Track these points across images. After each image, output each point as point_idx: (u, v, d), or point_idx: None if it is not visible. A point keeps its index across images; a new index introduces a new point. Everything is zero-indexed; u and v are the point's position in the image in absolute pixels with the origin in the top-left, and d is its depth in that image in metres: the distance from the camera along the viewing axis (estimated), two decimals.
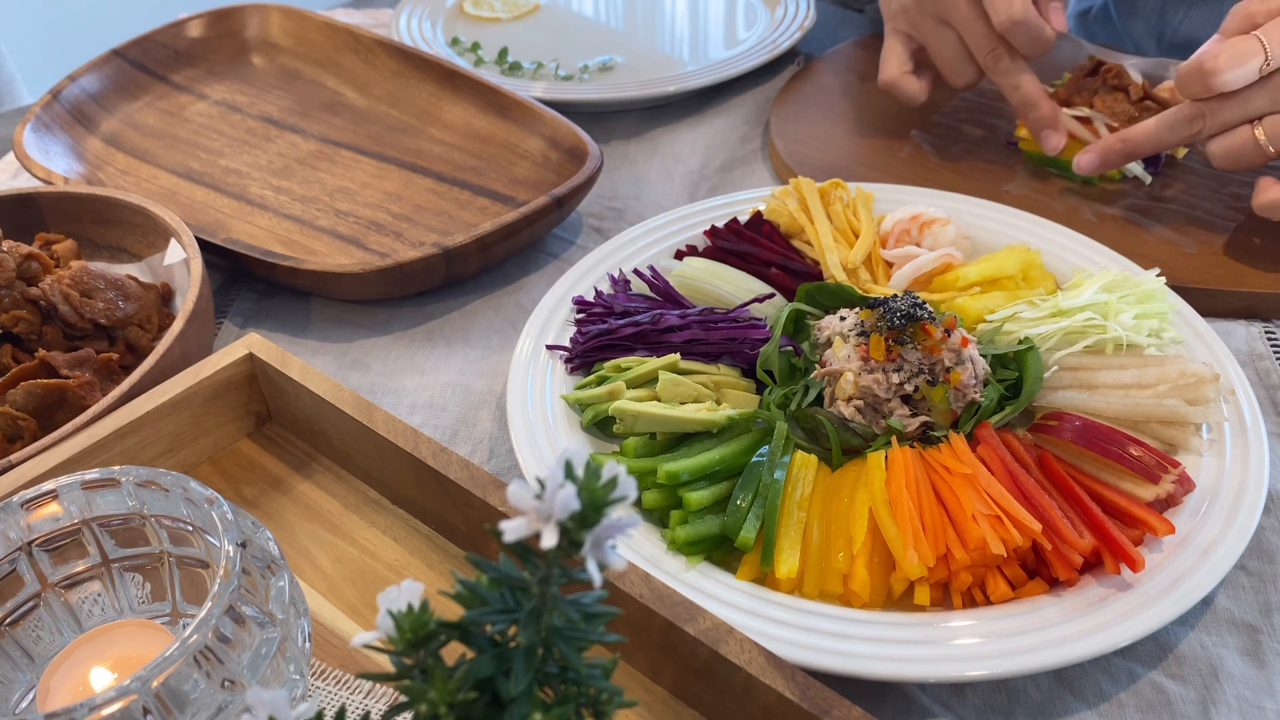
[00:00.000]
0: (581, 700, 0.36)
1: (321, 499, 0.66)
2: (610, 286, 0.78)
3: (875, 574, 0.58)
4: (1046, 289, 0.77)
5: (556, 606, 0.35)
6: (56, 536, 0.51)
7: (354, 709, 0.53)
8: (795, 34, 1.16)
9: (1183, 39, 1.13)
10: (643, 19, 1.25)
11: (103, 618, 0.53)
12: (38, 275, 0.73)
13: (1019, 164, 0.97)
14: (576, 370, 0.73)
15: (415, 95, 1.06)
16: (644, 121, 1.09)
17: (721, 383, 0.69)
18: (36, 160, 0.91)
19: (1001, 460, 0.61)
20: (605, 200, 0.97)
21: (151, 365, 0.65)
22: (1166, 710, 0.56)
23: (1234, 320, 0.80)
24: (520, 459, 0.64)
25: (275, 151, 1.01)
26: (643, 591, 0.51)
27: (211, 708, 0.44)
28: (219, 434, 0.68)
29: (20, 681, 0.51)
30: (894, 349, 0.65)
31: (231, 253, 0.82)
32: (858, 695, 0.55)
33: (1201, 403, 0.66)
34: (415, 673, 0.35)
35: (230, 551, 0.46)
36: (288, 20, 1.13)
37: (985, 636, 0.54)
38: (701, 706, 0.53)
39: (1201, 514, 0.60)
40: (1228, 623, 0.60)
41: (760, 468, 0.62)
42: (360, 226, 0.91)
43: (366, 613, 0.59)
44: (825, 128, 1.03)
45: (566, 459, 0.33)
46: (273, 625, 0.47)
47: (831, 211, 0.82)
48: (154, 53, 1.09)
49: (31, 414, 0.66)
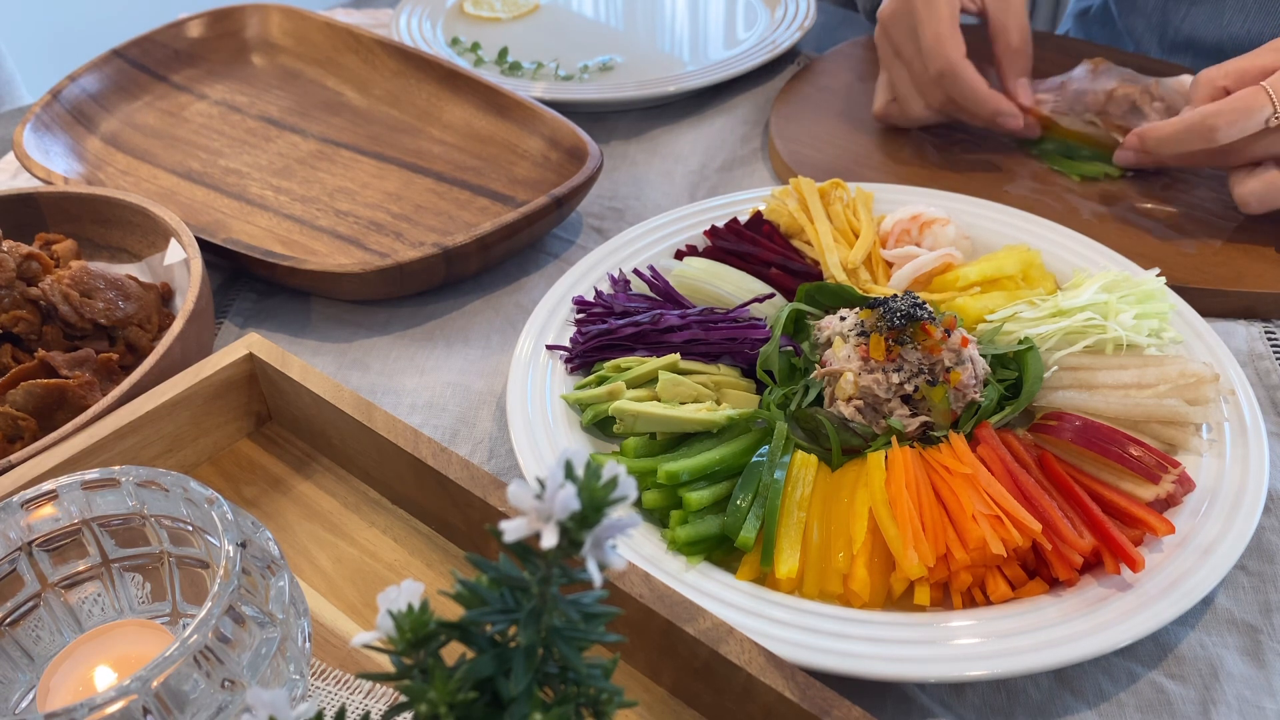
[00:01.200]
0: (581, 700, 0.36)
1: (321, 499, 0.66)
2: (610, 286, 0.78)
3: (875, 574, 0.58)
4: (1046, 289, 0.77)
5: (556, 606, 0.35)
6: (56, 536, 0.51)
7: (354, 709, 0.53)
8: (795, 34, 1.16)
9: (1184, 37, 1.13)
10: (643, 19, 1.25)
11: (103, 618, 0.53)
12: (38, 275, 0.73)
13: (1020, 164, 0.97)
14: (576, 370, 0.73)
15: (415, 95, 1.06)
16: (644, 121, 1.09)
17: (721, 383, 0.69)
18: (36, 160, 0.91)
19: (1001, 460, 0.61)
20: (605, 200, 0.97)
21: (151, 365, 0.65)
22: (1166, 710, 0.56)
23: (1234, 320, 0.80)
24: (520, 459, 0.64)
25: (275, 151, 1.01)
26: (643, 591, 0.51)
27: (211, 708, 0.44)
28: (219, 434, 0.68)
29: (20, 681, 0.51)
30: (894, 349, 0.65)
31: (231, 253, 0.82)
32: (858, 695, 0.55)
33: (1201, 403, 0.66)
34: (415, 673, 0.35)
35: (230, 551, 0.46)
36: (288, 20, 1.13)
37: (985, 636, 0.54)
38: (701, 706, 0.53)
39: (1201, 514, 0.60)
40: (1228, 623, 0.60)
41: (760, 468, 0.62)
42: (360, 226, 0.91)
43: (366, 613, 0.59)
44: (826, 128, 1.03)
45: (566, 459, 0.33)
46: (273, 625, 0.47)
47: (831, 211, 0.82)
48: (154, 53, 1.09)
49: (31, 414, 0.66)
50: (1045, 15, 1.87)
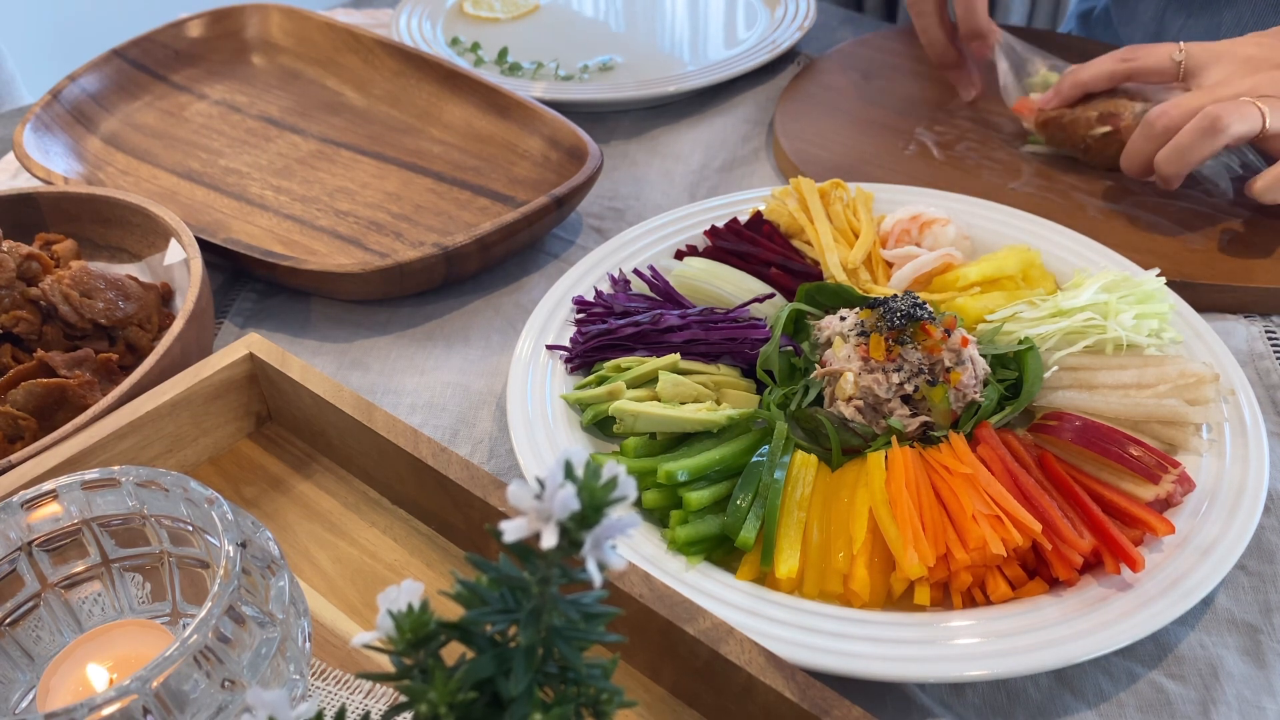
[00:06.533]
0: (581, 700, 0.36)
1: (321, 499, 0.66)
2: (610, 286, 0.78)
3: (875, 574, 0.58)
4: (1046, 289, 0.77)
5: (556, 606, 0.35)
6: (56, 536, 0.51)
7: (354, 709, 0.53)
8: (795, 34, 1.16)
9: None
10: (643, 19, 1.25)
11: (103, 618, 0.53)
12: (38, 275, 0.73)
13: (1024, 160, 0.97)
14: (576, 370, 0.73)
15: (415, 95, 1.06)
16: (644, 121, 1.09)
17: (721, 383, 0.69)
18: (36, 160, 0.91)
19: (1001, 460, 0.61)
20: (605, 200, 0.97)
21: (151, 365, 0.65)
22: (1166, 710, 0.56)
23: (1235, 318, 0.80)
24: (520, 459, 0.64)
25: (275, 151, 1.01)
26: (643, 591, 0.51)
27: (211, 708, 0.44)
28: (219, 434, 0.68)
29: (20, 681, 0.51)
30: (894, 349, 0.65)
31: (231, 253, 0.82)
32: (858, 695, 0.55)
33: (1201, 403, 0.65)
34: (415, 673, 0.35)
35: (230, 551, 0.46)
36: (288, 20, 1.13)
37: (985, 636, 0.54)
38: (701, 706, 0.53)
39: (1201, 514, 0.60)
40: (1228, 623, 0.60)
41: (760, 468, 0.62)
42: (360, 226, 0.91)
43: (366, 613, 0.59)
44: (830, 126, 1.03)
45: (566, 459, 0.33)
46: (273, 625, 0.47)
47: (831, 211, 0.82)
48: (154, 53, 1.09)
49: (32, 414, 0.66)
50: (1045, 14, 1.87)
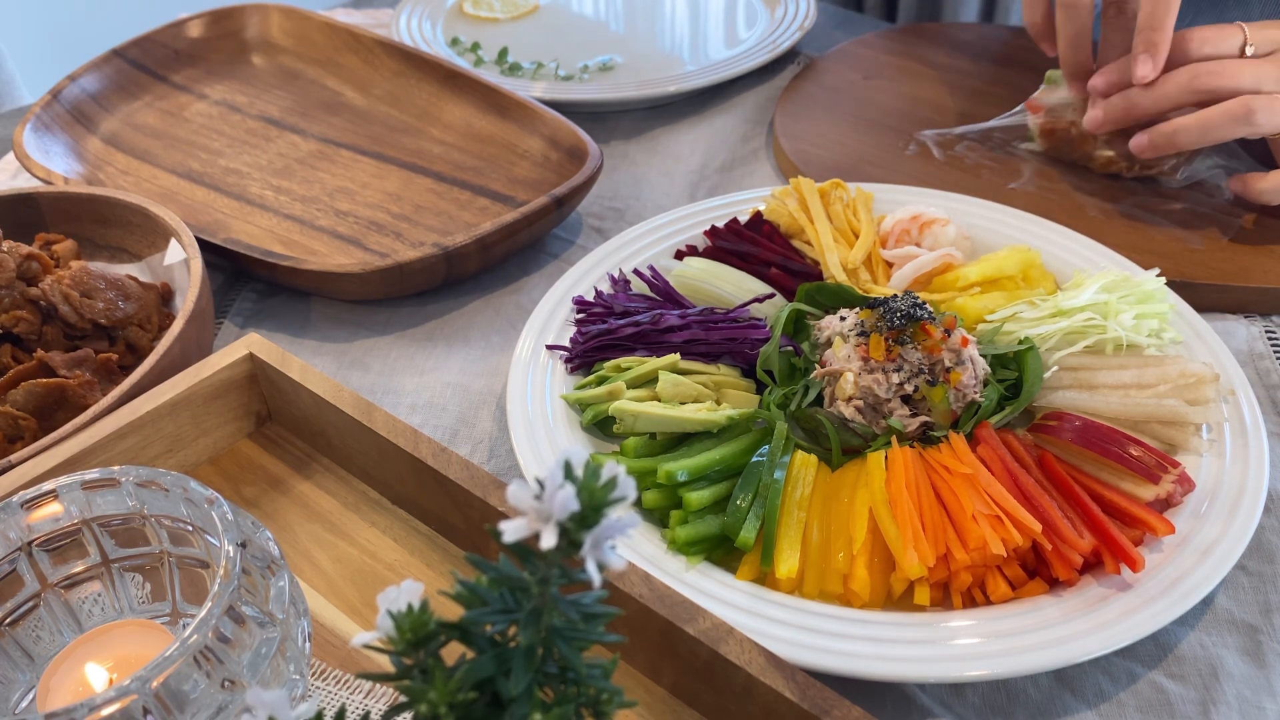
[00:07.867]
0: (581, 700, 0.36)
1: (321, 499, 0.66)
2: (610, 286, 0.78)
3: (875, 574, 0.57)
4: (1046, 289, 0.77)
5: (556, 606, 0.35)
6: (56, 536, 0.51)
7: (354, 709, 0.53)
8: (795, 34, 1.16)
9: None
10: (643, 19, 1.25)
11: (103, 618, 0.53)
12: (38, 275, 0.73)
13: (1024, 160, 0.97)
14: (576, 370, 0.73)
15: (415, 95, 1.05)
16: (644, 121, 1.09)
17: (721, 383, 0.69)
18: (36, 160, 0.91)
19: (1001, 460, 0.61)
20: (605, 200, 0.97)
21: (151, 365, 0.65)
22: (1166, 710, 0.56)
23: (1235, 318, 0.80)
24: (520, 459, 0.64)
25: (275, 151, 1.01)
26: (643, 591, 0.51)
27: (211, 708, 0.44)
28: (219, 434, 0.68)
29: (20, 681, 0.51)
30: (894, 349, 0.65)
31: (231, 253, 0.82)
32: (858, 695, 0.55)
33: (1201, 403, 0.65)
34: (415, 673, 0.35)
35: (230, 551, 0.46)
36: (288, 20, 1.13)
37: (985, 636, 0.54)
38: (701, 706, 0.53)
39: (1201, 514, 0.60)
40: (1228, 623, 0.60)
41: (760, 468, 0.62)
42: (360, 226, 0.91)
43: (366, 613, 0.59)
44: (830, 126, 1.03)
45: (566, 459, 0.33)
46: (273, 625, 0.47)
47: (831, 211, 0.82)
48: (154, 53, 1.09)
49: (32, 414, 0.66)
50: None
